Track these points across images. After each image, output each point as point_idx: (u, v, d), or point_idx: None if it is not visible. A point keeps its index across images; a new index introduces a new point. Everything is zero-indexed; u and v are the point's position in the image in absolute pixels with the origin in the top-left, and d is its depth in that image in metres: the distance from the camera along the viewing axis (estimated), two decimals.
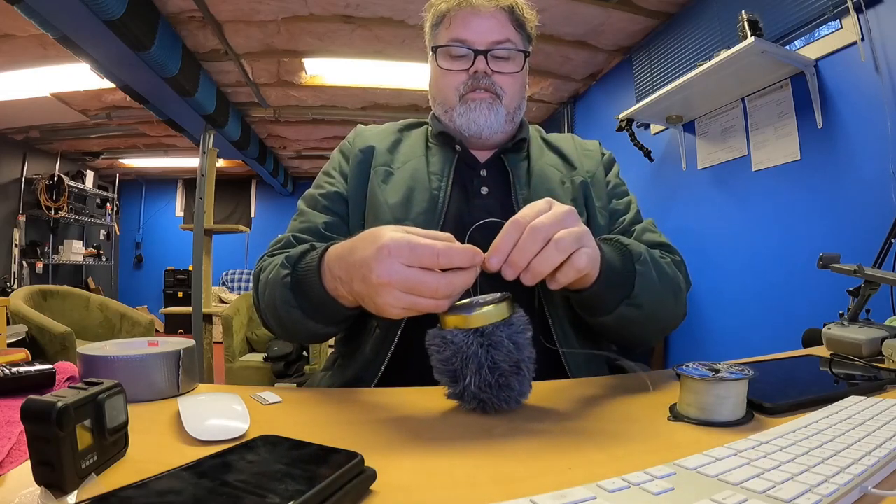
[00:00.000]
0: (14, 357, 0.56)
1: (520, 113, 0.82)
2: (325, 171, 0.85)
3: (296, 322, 0.63)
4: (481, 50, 0.76)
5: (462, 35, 0.77)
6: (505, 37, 0.77)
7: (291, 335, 0.70)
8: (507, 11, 0.78)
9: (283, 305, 0.63)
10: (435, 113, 0.85)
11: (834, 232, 1.89)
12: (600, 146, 0.90)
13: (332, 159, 0.86)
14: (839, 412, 0.42)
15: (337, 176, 0.82)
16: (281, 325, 0.68)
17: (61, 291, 3.15)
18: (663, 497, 0.28)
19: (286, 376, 2.76)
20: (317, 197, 0.80)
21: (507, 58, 0.78)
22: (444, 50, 0.79)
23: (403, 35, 2.98)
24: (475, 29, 0.76)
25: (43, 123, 4.60)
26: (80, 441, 0.32)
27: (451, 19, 0.78)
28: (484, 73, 0.77)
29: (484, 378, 0.46)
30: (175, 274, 6.70)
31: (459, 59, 0.78)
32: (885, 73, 1.70)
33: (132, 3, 2.27)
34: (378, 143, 0.84)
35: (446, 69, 0.79)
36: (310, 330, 0.64)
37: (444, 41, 0.78)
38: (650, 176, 2.96)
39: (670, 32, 2.75)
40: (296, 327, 0.65)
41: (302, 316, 0.62)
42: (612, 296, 0.61)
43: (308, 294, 0.60)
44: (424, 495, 0.33)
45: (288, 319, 0.64)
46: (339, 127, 4.64)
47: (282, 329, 0.70)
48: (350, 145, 0.86)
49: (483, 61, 0.76)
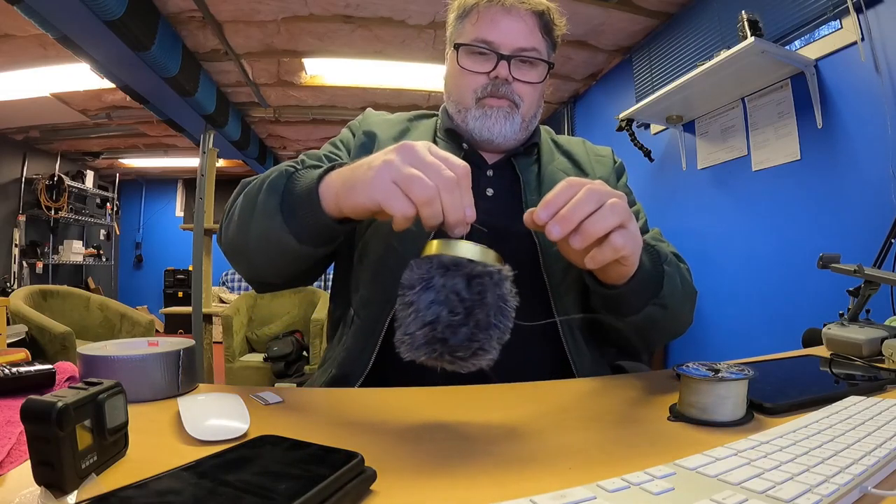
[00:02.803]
0: (14, 357, 0.56)
1: (535, 121, 0.81)
2: (333, 142, 0.84)
3: (265, 215, 0.58)
4: (506, 55, 0.73)
5: (489, 36, 0.74)
6: (531, 44, 0.74)
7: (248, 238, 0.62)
8: (538, 16, 0.75)
9: (267, 191, 0.58)
10: (448, 110, 0.82)
11: (834, 232, 1.89)
12: (613, 153, 0.89)
13: (340, 133, 0.86)
14: (839, 412, 0.42)
15: (342, 148, 0.82)
16: (242, 223, 0.62)
17: (61, 291, 3.15)
18: (663, 497, 0.28)
19: (286, 376, 2.76)
20: (321, 156, 0.78)
21: (531, 64, 0.76)
22: (466, 48, 0.75)
23: (403, 35, 2.98)
24: (503, 30, 0.73)
25: (43, 123, 4.60)
26: (80, 441, 0.32)
27: (479, 14, 0.75)
28: (505, 80, 0.74)
29: (442, 317, 0.39)
30: (175, 274, 6.69)
31: (481, 61, 0.75)
32: (885, 73, 1.70)
33: (132, 3, 2.27)
34: (383, 131, 0.82)
35: (466, 69, 0.76)
36: (272, 233, 0.57)
37: (468, 38, 0.75)
38: (650, 176, 2.96)
39: (670, 32, 2.75)
40: (259, 223, 0.59)
41: (276, 208, 0.56)
42: (643, 294, 0.61)
43: (293, 186, 0.57)
44: (424, 495, 0.33)
45: (259, 212, 0.59)
46: (339, 127, 4.56)
47: (241, 231, 0.63)
48: (358, 125, 0.85)
49: (506, 67, 0.73)
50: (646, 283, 0.60)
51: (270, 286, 0.71)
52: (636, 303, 0.61)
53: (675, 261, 0.67)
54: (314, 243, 0.58)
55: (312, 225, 0.55)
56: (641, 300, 0.61)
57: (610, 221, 0.46)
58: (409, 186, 0.43)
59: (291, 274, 0.67)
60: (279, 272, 0.66)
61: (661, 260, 0.62)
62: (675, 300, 0.64)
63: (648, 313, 0.62)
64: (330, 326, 0.80)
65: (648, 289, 0.61)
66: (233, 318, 2.84)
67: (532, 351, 0.72)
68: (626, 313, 0.63)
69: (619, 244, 0.48)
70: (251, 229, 0.61)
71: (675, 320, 0.67)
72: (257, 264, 0.65)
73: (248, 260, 0.66)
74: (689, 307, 0.70)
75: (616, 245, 0.48)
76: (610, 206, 0.47)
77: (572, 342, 0.70)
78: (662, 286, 0.61)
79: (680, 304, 0.66)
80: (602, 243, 0.48)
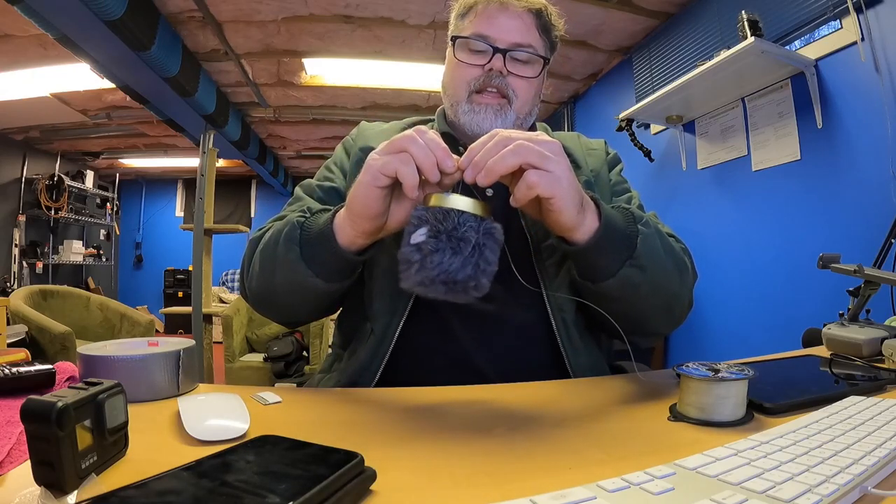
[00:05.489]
0: (14, 357, 0.56)
1: (530, 119, 0.81)
2: (327, 164, 0.84)
3: (287, 265, 0.62)
4: (501, 48, 0.74)
5: (485, 31, 0.75)
6: (528, 41, 0.75)
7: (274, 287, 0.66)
8: (535, 14, 0.76)
9: (284, 244, 0.62)
10: (444, 105, 0.83)
11: (834, 232, 1.89)
12: (606, 145, 0.89)
13: (334, 153, 0.86)
14: (839, 412, 0.42)
15: (336, 171, 0.82)
16: (266, 274, 0.66)
17: (61, 291, 3.15)
18: (663, 497, 0.28)
19: (286, 376, 2.76)
20: (314, 187, 0.80)
21: (526, 61, 0.76)
22: (463, 42, 0.77)
23: (403, 35, 2.98)
24: (500, 26, 0.75)
25: (43, 123, 4.60)
26: (80, 441, 0.32)
27: (477, 12, 0.76)
28: (499, 72, 0.75)
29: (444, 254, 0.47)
30: (175, 274, 6.69)
31: (477, 55, 0.76)
32: (885, 73, 1.70)
33: (132, 3, 2.27)
34: (379, 143, 0.82)
35: (462, 61, 0.77)
36: (297, 279, 0.62)
37: (466, 33, 0.77)
38: (650, 176, 2.96)
39: (670, 32, 2.75)
40: (284, 274, 0.63)
41: (297, 257, 0.61)
42: (613, 252, 0.59)
43: (309, 234, 0.61)
44: (424, 495, 0.33)
45: (281, 263, 0.63)
46: (339, 127, 4.64)
47: (266, 284, 0.67)
48: (352, 142, 0.85)
49: (500, 60, 0.74)
50: (615, 241, 0.58)
51: (303, 323, 0.78)
52: (608, 262, 0.59)
53: (658, 229, 0.64)
54: (340, 279, 0.63)
55: (334, 263, 0.60)
56: (614, 259, 0.59)
57: (509, 161, 0.50)
58: (390, 148, 0.52)
59: (322, 308, 0.72)
60: (310, 311, 0.72)
61: (636, 220, 0.61)
62: (655, 263, 0.61)
63: (626, 276, 0.59)
64: (341, 337, 0.80)
65: (620, 247, 0.59)
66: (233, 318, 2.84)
67: (527, 349, 0.72)
68: (600, 277, 0.61)
69: (532, 181, 0.50)
70: (276, 281, 0.65)
71: (658, 285, 0.63)
72: (288, 310, 0.72)
73: (277, 308, 0.72)
74: (676, 276, 0.66)
75: (529, 182, 0.50)
76: (514, 146, 0.50)
77: (567, 340, 0.70)
78: (636, 246, 0.59)
79: (662, 271, 0.63)
80: (518, 179, 0.51)
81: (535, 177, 0.50)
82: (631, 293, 0.61)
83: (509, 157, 0.50)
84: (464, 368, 0.68)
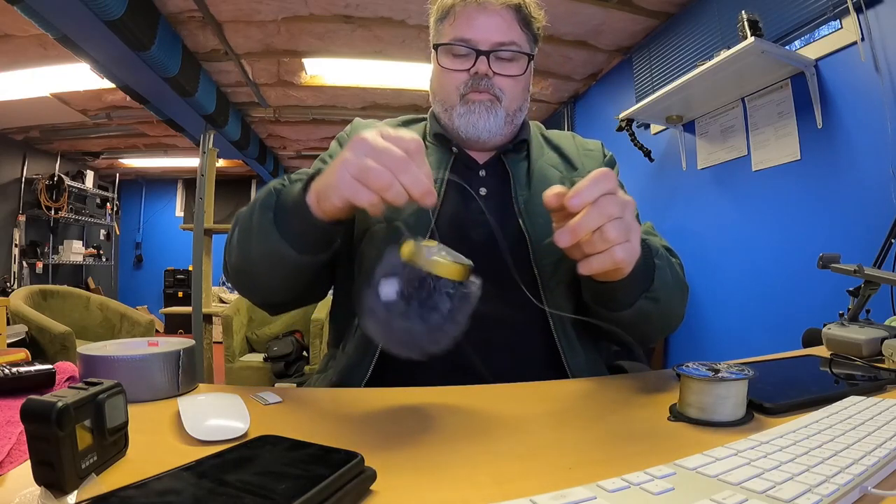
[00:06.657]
0: (14, 357, 0.56)
1: (521, 115, 0.81)
2: (322, 157, 0.84)
3: (262, 233, 0.60)
4: (484, 50, 0.74)
5: (466, 34, 0.75)
6: (510, 38, 0.75)
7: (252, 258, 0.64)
8: (514, 10, 0.76)
9: (259, 210, 0.60)
10: (434, 111, 0.83)
11: (834, 232, 1.89)
12: (602, 146, 0.89)
13: (330, 148, 0.86)
14: (839, 412, 0.42)
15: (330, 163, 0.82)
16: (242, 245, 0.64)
17: (61, 291, 3.15)
18: (663, 497, 0.28)
19: (286, 376, 2.76)
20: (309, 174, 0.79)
21: (511, 59, 0.76)
22: (445, 48, 0.77)
23: (403, 35, 2.98)
24: (480, 27, 0.74)
25: (43, 123, 4.60)
26: (80, 441, 0.32)
27: (455, 15, 0.76)
28: (485, 74, 0.75)
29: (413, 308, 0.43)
30: (175, 274, 6.69)
31: (461, 59, 0.76)
32: (885, 73, 1.70)
33: (132, 3, 2.27)
34: None
35: (447, 68, 0.77)
36: (270, 247, 0.59)
37: (447, 38, 0.77)
38: (650, 176, 2.96)
39: (670, 32, 2.75)
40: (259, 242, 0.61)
41: (270, 223, 0.59)
42: (634, 289, 0.61)
43: (284, 200, 0.59)
44: (424, 495, 0.33)
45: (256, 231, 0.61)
46: (339, 127, 4.61)
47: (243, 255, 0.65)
48: (346, 137, 0.85)
49: (485, 62, 0.74)
50: (637, 278, 0.59)
51: (282, 306, 0.73)
52: (628, 297, 0.61)
53: (665, 254, 0.66)
54: (312, 250, 0.60)
55: (307, 232, 0.57)
56: (633, 294, 0.61)
57: (612, 236, 0.47)
58: (367, 179, 0.46)
59: (297, 288, 0.68)
60: (286, 288, 0.68)
61: (653, 254, 0.62)
62: (667, 294, 0.64)
63: (640, 308, 0.62)
64: (334, 334, 0.80)
65: (639, 283, 0.60)
66: (233, 318, 2.84)
67: (524, 349, 0.72)
68: (617, 308, 0.63)
69: (619, 258, 0.48)
70: (252, 251, 0.63)
71: (666, 314, 0.66)
72: (264, 285, 0.68)
73: (254, 282, 0.68)
74: (680, 301, 0.69)
75: (617, 259, 0.48)
76: (620, 224, 0.48)
77: (565, 339, 0.70)
78: (654, 280, 0.61)
79: (671, 298, 0.65)
80: (603, 253, 0.48)
81: (623, 253, 0.48)
82: (643, 322, 0.64)
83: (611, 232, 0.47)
84: (458, 367, 0.67)
